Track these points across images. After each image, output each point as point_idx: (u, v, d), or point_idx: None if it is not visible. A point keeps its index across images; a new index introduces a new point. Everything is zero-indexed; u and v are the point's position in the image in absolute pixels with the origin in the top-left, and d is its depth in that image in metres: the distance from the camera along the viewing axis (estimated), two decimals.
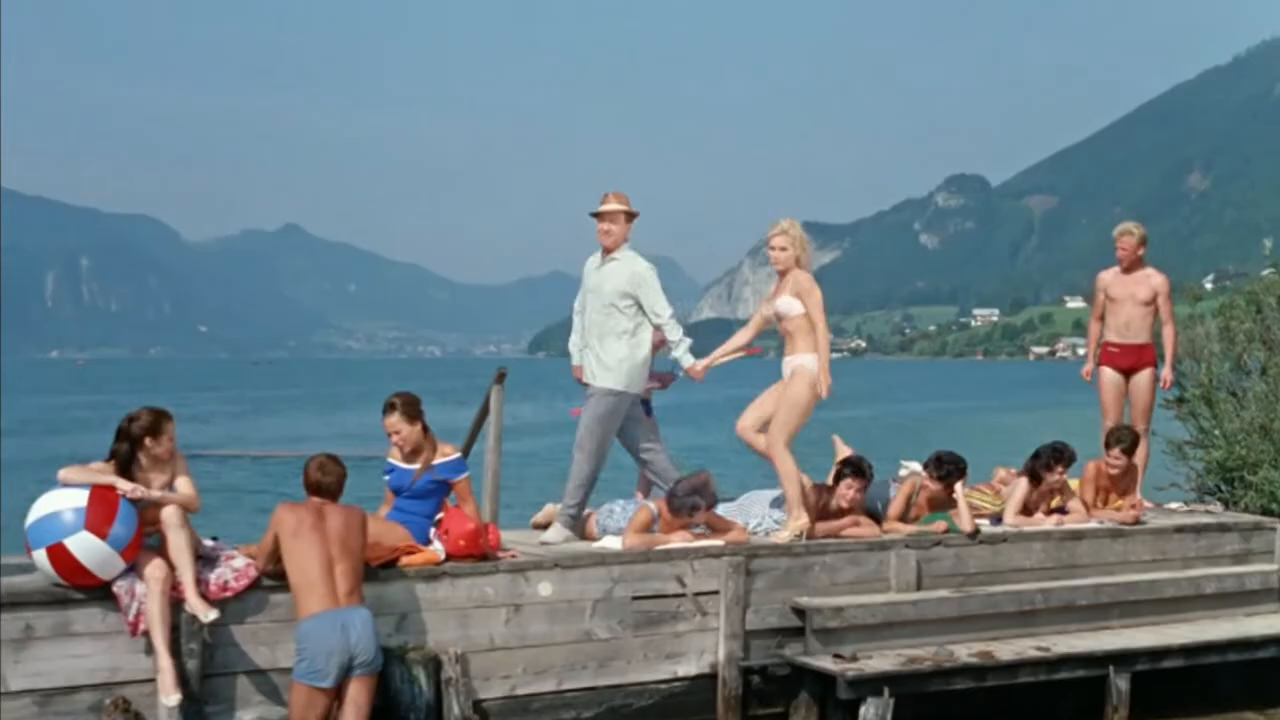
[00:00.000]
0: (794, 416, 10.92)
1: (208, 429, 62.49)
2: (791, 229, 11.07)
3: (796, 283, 11.03)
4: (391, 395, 10.13)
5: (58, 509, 8.52)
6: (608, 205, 11.23)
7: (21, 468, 38.45)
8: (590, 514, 11.22)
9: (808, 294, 10.98)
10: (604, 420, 11.13)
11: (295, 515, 8.72)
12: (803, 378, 10.93)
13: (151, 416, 8.86)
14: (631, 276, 11.11)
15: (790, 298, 11.01)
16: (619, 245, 11.22)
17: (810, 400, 10.94)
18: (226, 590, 8.86)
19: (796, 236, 11.10)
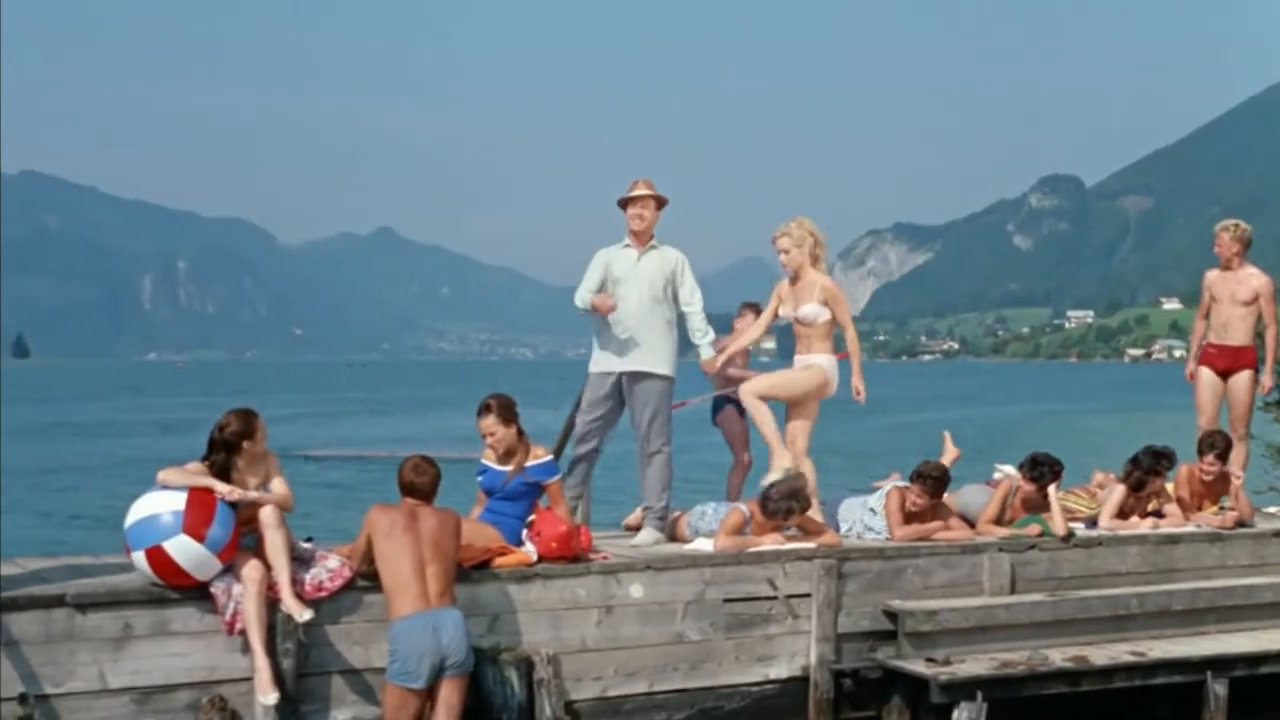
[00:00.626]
0: (786, 384, 11.08)
1: (305, 430, 63.02)
2: (798, 228, 11.08)
3: (825, 290, 11.04)
4: (487, 397, 10.19)
5: (156, 512, 8.62)
6: (637, 191, 11.05)
7: (127, 466, 38.97)
8: (681, 515, 11.22)
9: (837, 302, 11.07)
10: (667, 411, 11.06)
11: (388, 517, 8.78)
12: (815, 372, 11.01)
13: (242, 421, 8.95)
14: (677, 265, 11.01)
15: (818, 305, 11.00)
16: (650, 232, 11.06)
17: (809, 390, 11.04)
18: (321, 590, 8.94)
19: (801, 236, 11.09)
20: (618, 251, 11.09)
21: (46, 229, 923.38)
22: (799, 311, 11.02)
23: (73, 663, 8.43)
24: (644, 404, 10.96)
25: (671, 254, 11.04)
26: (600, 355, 11.10)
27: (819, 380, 11.02)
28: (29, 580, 8.93)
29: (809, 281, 11.04)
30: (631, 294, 10.96)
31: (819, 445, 11.19)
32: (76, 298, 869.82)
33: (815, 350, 11.04)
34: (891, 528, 11.23)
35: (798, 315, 11.03)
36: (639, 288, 10.95)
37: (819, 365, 11.01)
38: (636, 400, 10.99)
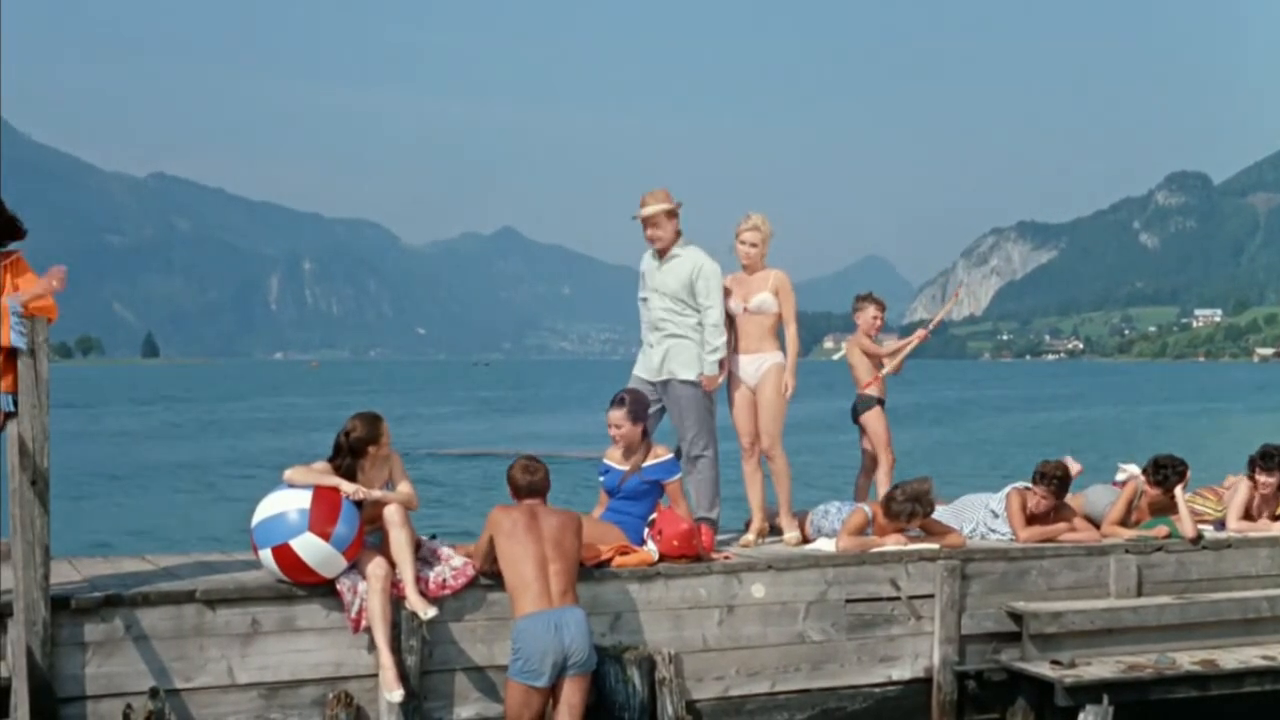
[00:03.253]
0: (779, 417, 10.84)
1: (429, 428, 63.53)
2: (763, 225, 10.92)
3: (777, 280, 10.87)
4: (623, 391, 10.29)
5: (283, 510, 8.75)
6: (646, 209, 10.72)
7: (262, 464, 39.49)
8: (805, 515, 11.19)
9: (787, 294, 10.88)
10: (707, 414, 10.80)
11: (510, 517, 8.83)
12: (778, 375, 10.82)
13: (368, 426, 9.05)
14: (695, 271, 10.70)
15: (769, 295, 10.85)
16: (671, 243, 10.78)
17: (785, 395, 10.85)
18: (445, 588, 9.02)
19: (768, 233, 10.95)
20: (648, 259, 10.96)
21: (176, 230, 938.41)
22: (750, 302, 10.91)
23: (202, 658, 8.57)
24: (678, 412, 10.78)
25: (694, 260, 10.73)
26: (639, 363, 11.02)
27: (782, 385, 10.87)
28: (160, 576, 9.09)
29: (761, 274, 10.93)
30: (654, 302, 10.85)
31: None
32: (205, 298, 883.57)
33: (766, 349, 10.88)
34: (1015, 529, 11.12)
35: (749, 306, 10.91)
36: (660, 295, 10.81)
37: (779, 364, 10.87)
38: (671, 409, 10.82)
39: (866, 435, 12.00)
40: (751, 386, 10.84)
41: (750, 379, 10.84)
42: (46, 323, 8.19)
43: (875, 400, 11.92)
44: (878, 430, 11.89)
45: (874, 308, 12.08)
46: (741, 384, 10.89)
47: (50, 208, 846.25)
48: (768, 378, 10.78)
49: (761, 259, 10.88)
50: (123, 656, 8.40)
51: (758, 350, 10.83)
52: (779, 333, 10.95)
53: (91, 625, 8.35)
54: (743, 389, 10.89)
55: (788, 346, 10.85)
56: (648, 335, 10.93)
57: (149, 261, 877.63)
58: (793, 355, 10.84)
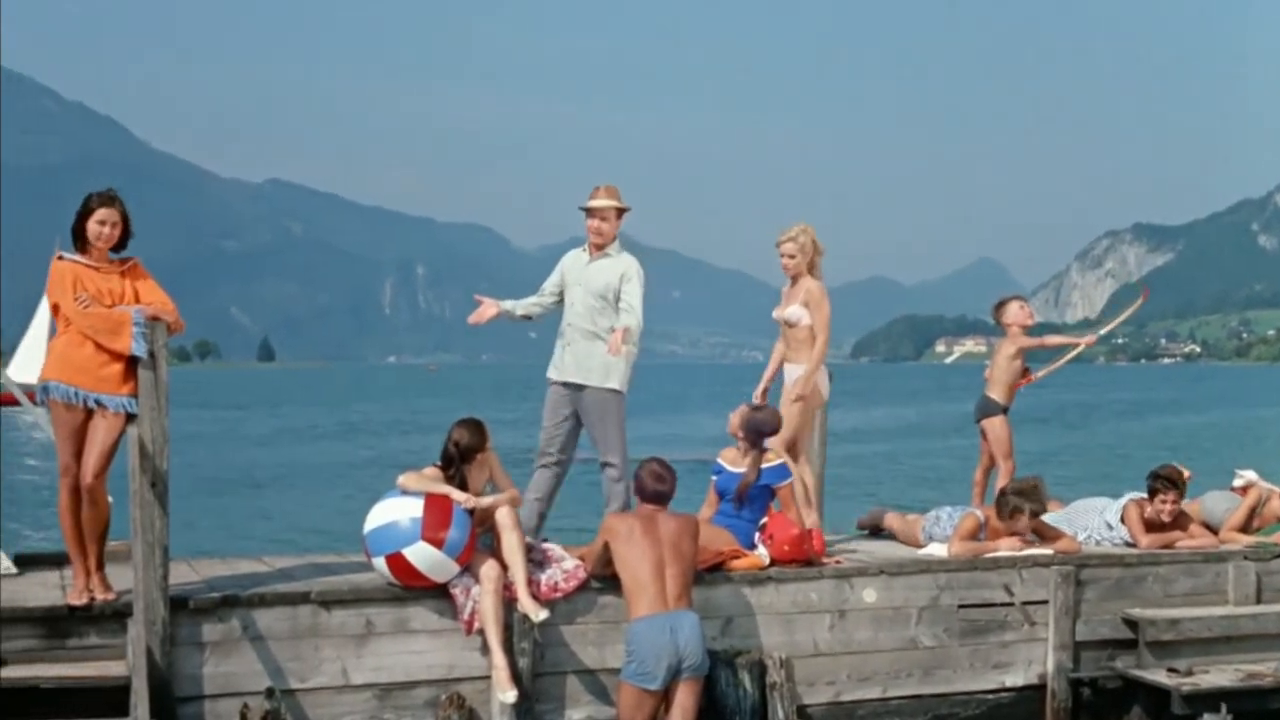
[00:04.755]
0: (791, 424, 10.65)
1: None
2: (801, 235, 10.82)
3: (808, 292, 10.79)
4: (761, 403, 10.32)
5: (395, 519, 8.82)
6: (598, 200, 10.51)
7: (382, 467, 39.79)
8: (916, 520, 11.14)
9: (817, 306, 10.76)
10: (620, 424, 10.47)
11: (626, 524, 8.86)
12: (798, 386, 10.72)
13: (474, 433, 9.13)
14: (625, 273, 10.46)
15: (800, 307, 10.77)
16: (610, 241, 10.58)
17: (806, 407, 10.75)
18: (556, 591, 9.06)
19: (806, 243, 10.82)
20: (575, 255, 10.74)
21: (291, 235, 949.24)
22: (785, 313, 10.86)
23: (317, 658, 8.67)
24: (596, 419, 10.45)
25: (624, 262, 10.49)
26: (553, 361, 10.70)
27: (816, 398, 10.78)
28: (276, 577, 9.21)
29: (799, 285, 10.86)
30: (576, 300, 10.54)
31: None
32: (319, 302, 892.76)
33: (801, 359, 10.81)
34: (1136, 538, 10.99)
35: (784, 316, 10.87)
36: (583, 294, 10.50)
37: (804, 375, 10.79)
38: (585, 414, 10.48)
39: (988, 439, 11.91)
40: None
41: (788, 385, 10.89)
42: (166, 328, 8.33)
43: (1000, 407, 11.81)
44: (1000, 437, 11.79)
45: (1017, 302, 12.00)
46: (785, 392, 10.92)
47: (169, 214, 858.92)
48: (793, 387, 10.77)
49: (801, 269, 10.83)
50: (239, 656, 8.52)
51: (795, 360, 10.84)
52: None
53: (209, 625, 8.48)
54: (782, 393, 10.93)
55: (811, 357, 10.76)
56: (563, 335, 10.60)
57: (264, 266, 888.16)
58: (812, 367, 10.69)
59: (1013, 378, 11.78)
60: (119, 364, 8.34)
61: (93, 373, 8.35)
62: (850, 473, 36.05)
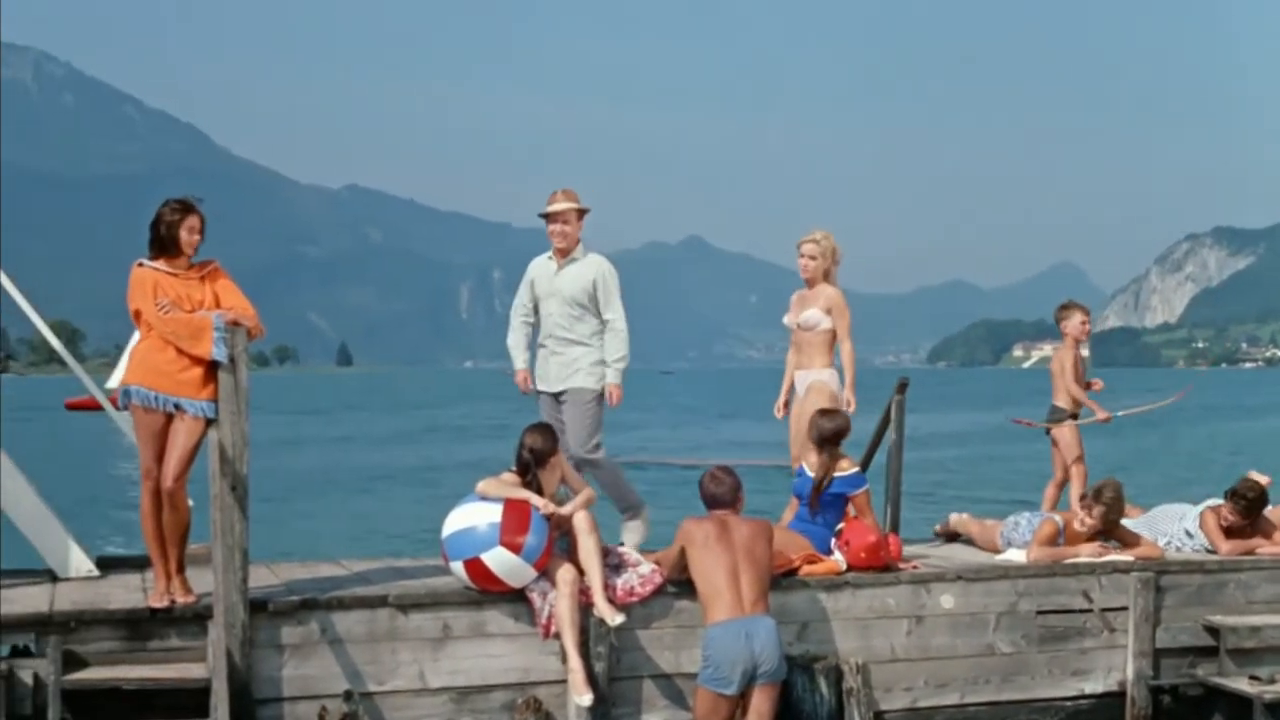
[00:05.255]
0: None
1: (614, 436, 63.84)
2: (824, 240, 10.77)
3: (829, 298, 10.72)
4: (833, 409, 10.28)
5: (474, 524, 8.86)
6: (556, 205, 10.39)
7: (460, 471, 39.97)
8: (994, 525, 11.09)
9: (841, 313, 10.72)
10: (596, 427, 10.32)
11: (701, 529, 8.86)
12: (818, 392, 10.63)
13: (545, 438, 9.16)
14: (598, 277, 10.37)
15: (820, 312, 10.67)
16: (574, 245, 10.46)
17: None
18: (633, 595, 9.07)
19: (828, 248, 10.76)
20: (542, 263, 10.58)
21: (369, 241, 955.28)
22: (800, 317, 10.76)
23: (394, 661, 8.72)
24: (574, 418, 10.28)
25: (593, 265, 10.41)
26: (538, 373, 10.55)
27: (830, 397, 10.67)
28: (353, 581, 9.28)
29: (817, 290, 10.77)
30: (553, 310, 10.42)
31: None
32: (397, 307, 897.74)
33: (817, 364, 10.71)
34: (1216, 546, 10.88)
35: (799, 321, 10.76)
36: (559, 304, 10.38)
37: (824, 382, 10.69)
38: (566, 419, 10.31)
39: (1058, 448, 11.86)
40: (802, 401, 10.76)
41: (802, 393, 10.76)
42: (246, 333, 8.40)
43: (1066, 413, 11.77)
44: (1069, 444, 11.76)
45: (1080, 313, 11.96)
46: (797, 398, 10.81)
47: (250, 220, 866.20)
48: (809, 393, 10.66)
49: (820, 274, 10.77)
50: (318, 659, 8.58)
51: (807, 366, 10.77)
52: (836, 350, 10.82)
53: (288, 628, 8.54)
54: (797, 403, 10.80)
55: (844, 364, 10.70)
56: (543, 346, 10.51)
57: (343, 272, 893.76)
58: (850, 372, 10.67)
59: (1074, 384, 11.74)
60: (199, 368, 8.42)
61: (173, 377, 8.44)
62: (927, 478, 35.89)
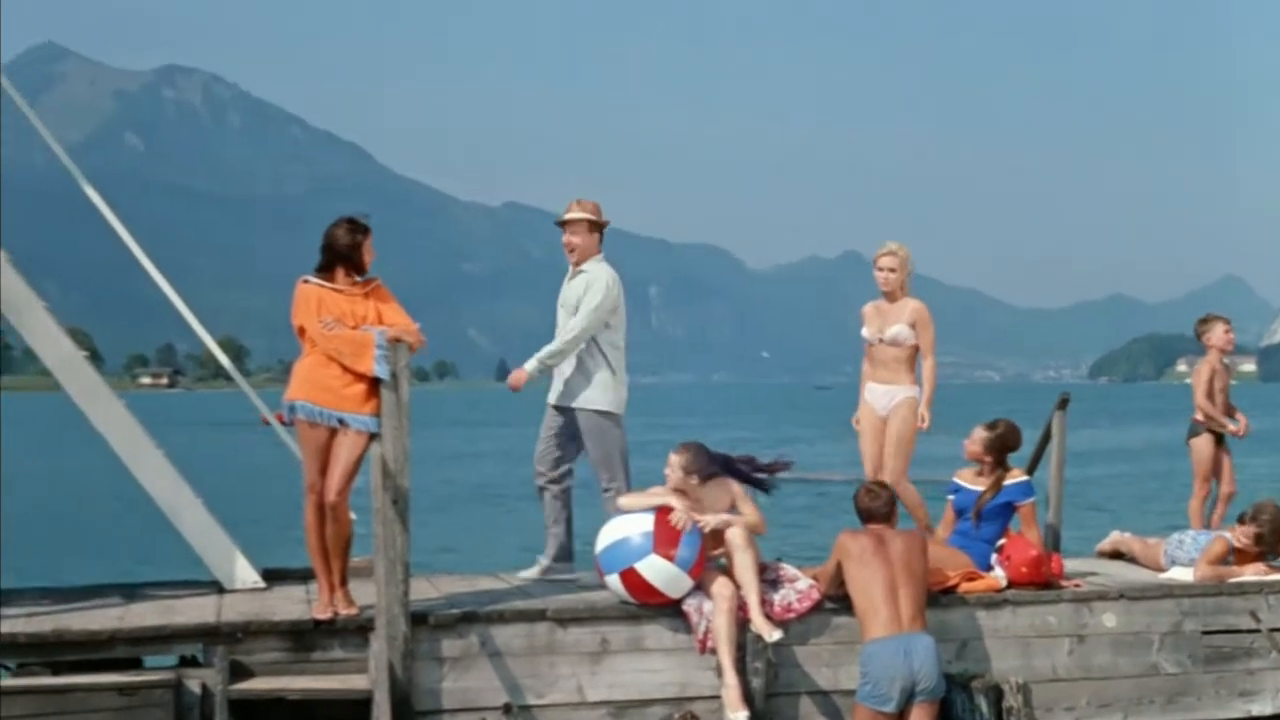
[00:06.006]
0: (906, 451, 10.41)
1: (771, 452, 63.64)
2: (901, 251, 10.50)
3: (915, 311, 10.46)
4: (997, 420, 10.17)
5: (627, 535, 8.94)
6: (570, 214, 10.35)
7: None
8: (1158, 544, 10.92)
9: (925, 327, 10.45)
10: (618, 447, 10.26)
11: (858, 543, 8.83)
12: (909, 409, 10.38)
13: (693, 458, 9.17)
14: (587, 284, 10.23)
15: (906, 326, 10.42)
16: (586, 258, 10.34)
17: (914, 432, 10.41)
18: (790, 611, 9.05)
19: (905, 258, 10.51)
20: (568, 274, 10.50)
21: (528, 257, 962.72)
22: (886, 333, 10.53)
23: (553, 675, 8.78)
24: (589, 442, 10.26)
25: (591, 275, 10.28)
26: (552, 384, 10.46)
27: (915, 414, 10.46)
28: (513, 594, 9.37)
29: (900, 304, 10.54)
30: (560, 320, 10.38)
31: None
32: (553, 323, 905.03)
33: (901, 380, 10.47)
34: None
35: (884, 336, 10.52)
36: (565, 311, 10.32)
37: (915, 398, 10.46)
38: (586, 440, 10.29)
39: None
40: (882, 416, 10.51)
41: (881, 409, 10.51)
42: (408, 349, 8.52)
43: (1200, 427, 11.59)
44: (1198, 458, 11.62)
45: (1222, 324, 11.72)
46: (872, 413, 10.58)
47: (412, 238, 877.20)
48: (898, 410, 10.43)
49: (900, 287, 10.59)
50: (478, 672, 8.67)
51: (891, 381, 10.49)
52: (917, 366, 10.60)
53: (449, 641, 8.64)
54: (872, 417, 10.56)
55: (924, 380, 10.50)
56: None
57: (502, 288, 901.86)
58: (929, 389, 10.47)
59: (1204, 398, 11.54)
60: (362, 384, 8.56)
61: (336, 392, 8.59)
62: (1088, 495, 35.37)
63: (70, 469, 45.96)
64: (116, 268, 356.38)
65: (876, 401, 10.54)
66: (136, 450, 9.71)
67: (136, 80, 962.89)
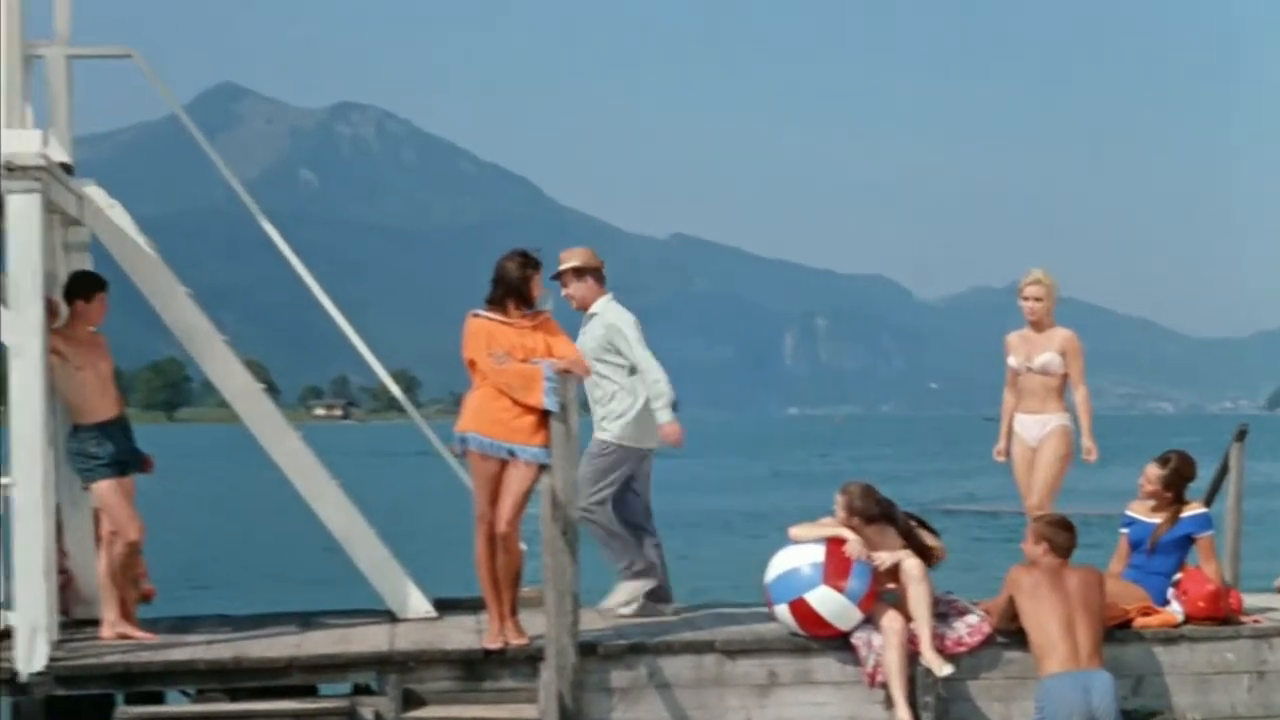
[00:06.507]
0: (1057, 477, 10.15)
1: (940, 484, 63.12)
2: (1046, 278, 10.23)
3: (1065, 340, 10.20)
4: (1168, 451, 10.05)
5: (797, 565, 8.95)
6: (560, 267, 10.21)
7: (775, 517, 40.10)
8: None
9: (1075, 355, 10.21)
10: (599, 477, 9.90)
11: (1031, 576, 8.74)
12: (1061, 438, 10.11)
13: (861, 499, 9.14)
14: (606, 330, 10.04)
15: (1056, 355, 10.14)
16: (589, 302, 10.18)
17: (1066, 460, 10.14)
18: (961, 645, 8.98)
19: (1052, 287, 10.23)
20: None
21: (694, 289, 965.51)
22: (1035, 361, 10.24)
23: (721, 707, 8.79)
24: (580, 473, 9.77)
25: (608, 319, 10.10)
26: None
27: (1069, 442, 10.17)
28: (680, 626, 9.39)
29: (1048, 333, 10.27)
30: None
31: None
32: (720, 355, 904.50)
33: (1051, 409, 10.20)
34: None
35: (1034, 365, 10.24)
36: (591, 359, 9.96)
37: (1066, 427, 10.17)
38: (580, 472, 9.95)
39: None
40: (1032, 446, 10.27)
41: (1032, 439, 10.27)
42: (576, 381, 8.61)
43: None
44: None
45: None
46: (1023, 444, 10.34)
47: None
48: (1050, 439, 10.20)
49: (1048, 315, 10.39)
50: (646, 703, 8.71)
51: (1041, 410, 10.26)
52: (1066, 394, 10.38)
53: (618, 671, 8.70)
54: (1023, 448, 10.32)
55: (1079, 409, 10.27)
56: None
57: (668, 320, 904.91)
58: (1087, 418, 10.25)
59: None
60: (532, 415, 8.66)
61: (507, 424, 8.69)
62: (1268, 528, 34.55)
63: (247, 499, 46.90)
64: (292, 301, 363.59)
65: (1027, 432, 10.36)
66: (312, 481, 9.90)
67: (312, 118, 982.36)
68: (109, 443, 9.37)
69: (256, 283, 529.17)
